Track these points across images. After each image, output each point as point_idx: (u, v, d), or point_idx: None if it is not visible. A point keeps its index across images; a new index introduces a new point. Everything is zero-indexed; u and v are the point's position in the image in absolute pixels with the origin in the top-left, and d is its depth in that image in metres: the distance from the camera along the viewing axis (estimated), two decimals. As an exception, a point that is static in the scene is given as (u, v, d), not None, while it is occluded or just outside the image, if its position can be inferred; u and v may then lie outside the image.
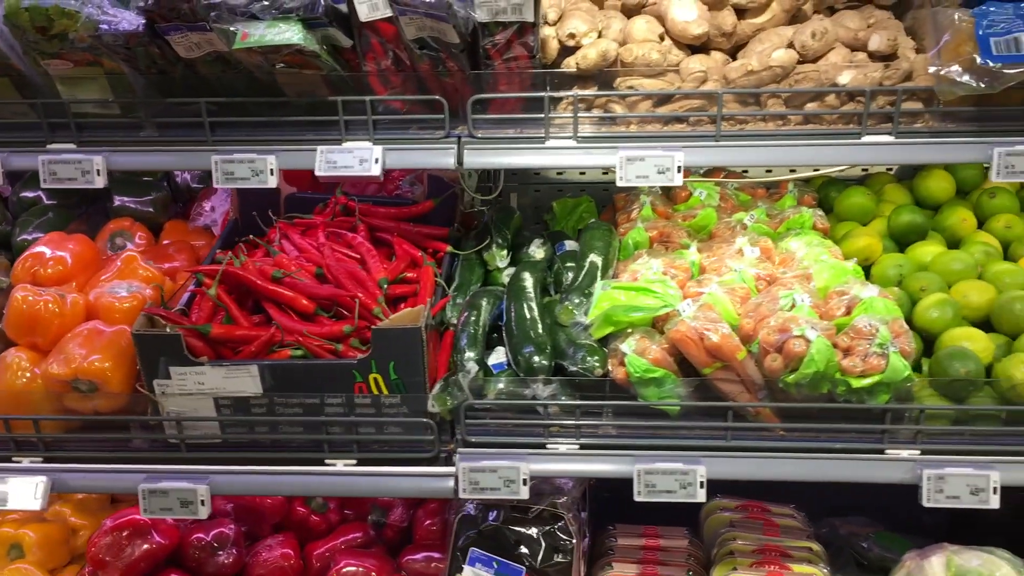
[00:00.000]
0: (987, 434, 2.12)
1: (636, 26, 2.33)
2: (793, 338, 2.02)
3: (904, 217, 2.58)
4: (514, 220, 2.88)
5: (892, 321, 2.07)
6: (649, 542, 2.56)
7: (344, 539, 2.62)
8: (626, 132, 2.31)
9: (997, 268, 2.38)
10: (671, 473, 2.08)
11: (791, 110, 2.28)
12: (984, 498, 2.02)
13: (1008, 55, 2.03)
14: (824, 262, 2.30)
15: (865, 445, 2.14)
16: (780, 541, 2.50)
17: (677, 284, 2.31)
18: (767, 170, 3.20)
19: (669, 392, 2.13)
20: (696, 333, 2.06)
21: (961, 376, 2.08)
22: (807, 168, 2.86)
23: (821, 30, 2.29)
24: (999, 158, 2.12)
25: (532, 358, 2.18)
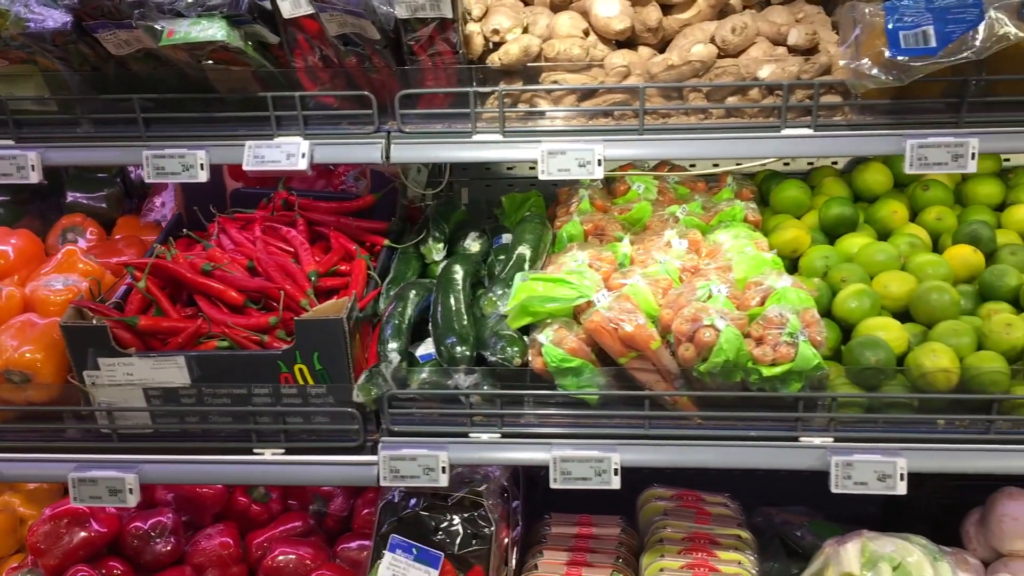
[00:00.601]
0: (898, 422, 2.16)
1: (560, 22, 2.37)
2: (703, 327, 2.06)
3: (833, 210, 2.61)
4: (456, 214, 2.92)
5: (803, 311, 2.10)
6: (582, 530, 2.60)
7: (284, 528, 2.66)
8: (552, 126, 2.35)
9: (920, 259, 2.41)
10: (586, 461, 2.12)
11: (712, 104, 2.31)
12: (891, 484, 2.06)
13: (916, 48, 2.06)
14: (745, 254, 2.33)
15: (780, 432, 2.17)
16: (710, 529, 2.54)
17: (602, 276, 2.34)
18: (714, 164, 3.24)
19: (587, 381, 2.17)
20: (610, 323, 2.10)
21: (871, 364, 2.12)
22: (730, 162, 2.89)
23: (741, 25, 2.32)
24: (912, 150, 2.15)
25: (455, 348, 2.22)
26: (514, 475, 2.63)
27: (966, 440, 2.13)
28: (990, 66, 2.21)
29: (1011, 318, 2.17)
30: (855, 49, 2.16)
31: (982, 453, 2.11)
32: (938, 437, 2.14)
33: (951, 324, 2.20)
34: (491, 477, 2.40)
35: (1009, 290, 2.32)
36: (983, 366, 2.09)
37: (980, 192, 2.74)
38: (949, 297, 2.26)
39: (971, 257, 2.43)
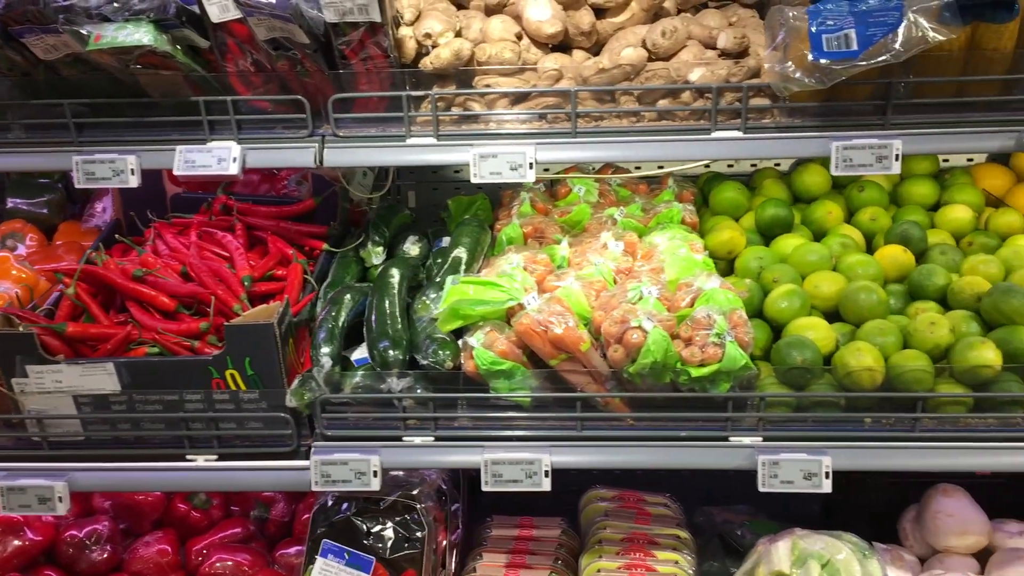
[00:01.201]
0: (826, 420, 2.18)
1: (492, 25, 2.38)
2: (631, 329, 2.08)
3: (768, 211, 2.64)
4: (399, 218, 2.92)
5: (731, 312, 2.12)
6: (523, 532, 2.61)
7: (223, 535, 2.65)
8: (486, 130, 2.36)
9: (850, 260, 2.44)
10: (517, 463, 2.13)
11: (643, 107, 2.33)
12: (817, 483, 2.08)
13: (838, 51, 2.08)
14: (678, 256, 2.35)
15: (711, 432, 2.19)
16: (649, 529, 2.55)
17: (536, 278, 2.36)
18: (659, 166, 3.27)
19: (520, 384, 2.18)
20: (540, 325, 2.11)
21: (798, 364, 2.14)
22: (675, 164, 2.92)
23: (671, 29, 2.34)
24: (837, 152, 2.18)
25: (387, 352, 2.22)
26: (454, 478, 2.64)
27: (892, 438, 2.15)
28: (918, 68, 2.25)
29: (935, 317, 2.20)
30: (780, 52, 2.19)
31: (908, 451, 2.14)
32: (865, 435, 2.16)
33: (877, 323, 2.23)
34: (426, 480, 2.39)
35: (937, 289, 2.36)
36: (907, 364, 2.12)
37: (915, 193, 2.79)
38: (876, 297, 2.29)
39: (901, 257, 2.47)
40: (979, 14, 2.11)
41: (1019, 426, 2.14)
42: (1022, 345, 2.12)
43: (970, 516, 2.54)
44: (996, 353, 2.10)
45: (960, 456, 2.14)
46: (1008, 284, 2.24)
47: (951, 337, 2.17)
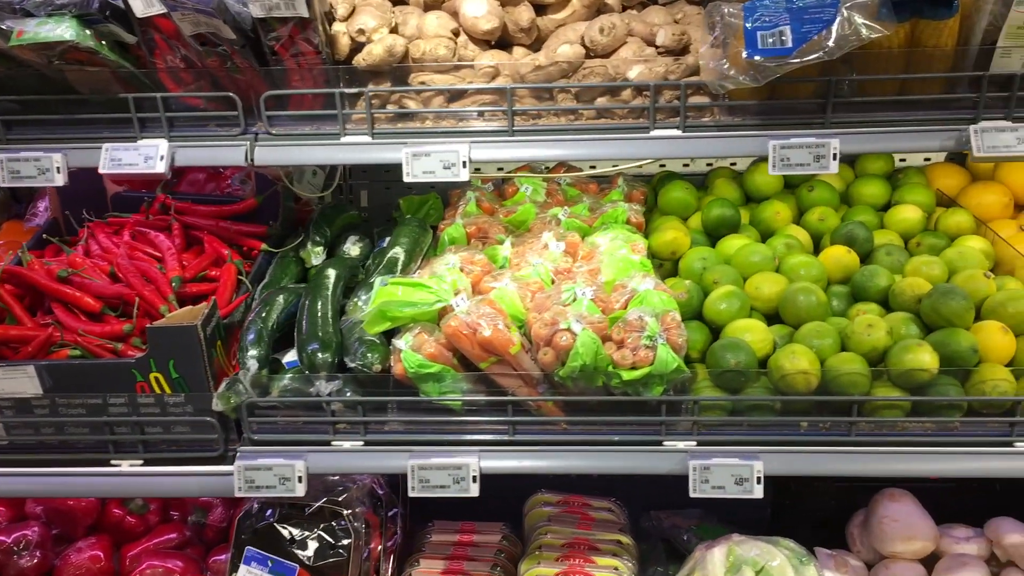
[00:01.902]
0: (761, 424, 2.14)
1: (428, 21, 2.33)
2: (560, 331, 2.03)
3: (714, 211, 2.60)
4: (346, 217, 2.88)
5: (665, 314, 2.08)
6: (463, 538, 2.57)
7: (159, 540, 2.60)
8: (422, 128, 2.32)
9: (793, 261, 2.40)
10: (444, 468, 2.08)
11: (581, 105, 2.28)
12: (748, 488, 2.04)
13: (773, 48, 2.04)
14: (616, 256, 2.31)
15: (645, 437, 2.15)
16: (591, 535, 2.51)
17: (472, 279, 2.31)
18: (613, 164, 3.22)
19: (450, 387, 2.14)
20: (468, 327, 2.06)
21: (731, 367, 2.10)
22: (613, 164, 2.88)
23: (609, 25, 2.30)
24: (774, 151, 2.14)
25: (316, 355, 2.17)
26: (392, 482, 2.59)
27: (828, 443, 2.12)
28: (860, 66, 2.21)
29: (873, 319, 2.17)
30: (716, 49, 2.15)
31: (844, 455, 2.10)
32: (801, 440, 2.12)
33: (814, 326, 2.19)
34: (355, 485, 2.35)
35: (879, 291, 2.32)
36: (842, 368, 2.08)
37: (865, 193, 2.75)
38: (815, 299, 2.25)
39: (845, 258, 2.43)
40: (918, 11, 2.07)
41: (957, 431, 2.11)
42: (960, 348, 2.08)
43: (916, 521, 2.50)
44: (933, 356, 2.06)
45: (898, 462, 2.11)
46: (948, 286, 2.20)
47: (889, 340, 2.13)
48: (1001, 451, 2.08)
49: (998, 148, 2.09)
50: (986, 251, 2.47)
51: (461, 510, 2.70)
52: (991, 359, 2.13)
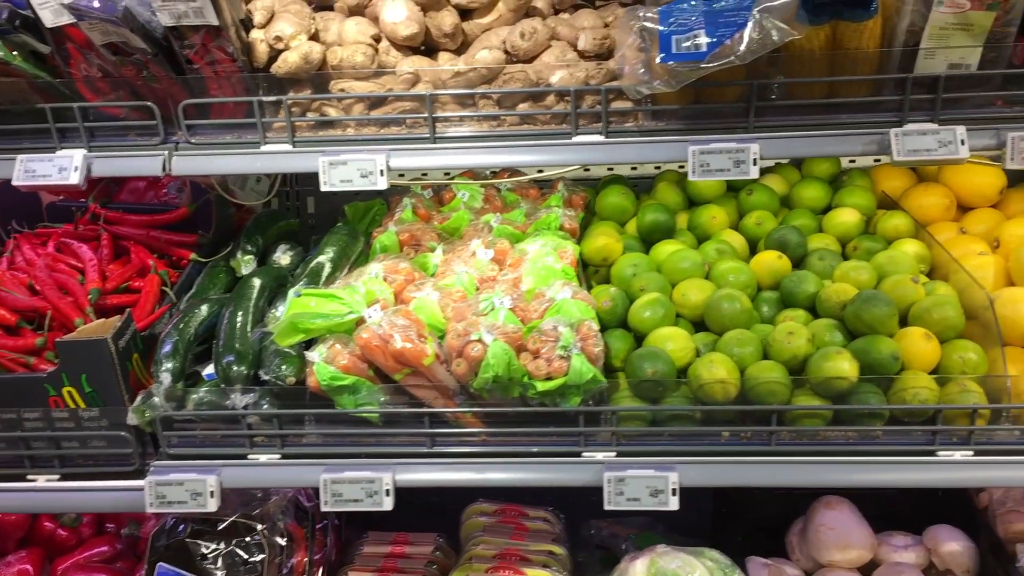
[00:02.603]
0: (681, 435, 2.11)
1: (347, 28, 2.30)
2: (471, 342, 2.00)
3: (648, 216, 2.56)
4: (282, 225, 2.85)
5: (581, 323, 2.05)
6: (395, 549, 2.54)
7: (90, 553, 2.57)
8: (344, 135, 2.29)
9: (723, 267, 2.36)
10: (356, 482, 2.05)
11: (503, 111, 2.25)
12: (664, 500, 2.01)
13: (687, 53, 2.00)
14: (539, 264, 2.27)
15: (564, 448, 2.12)
16: (523, 545, 2.48)
17: (395, 289, 2.28)
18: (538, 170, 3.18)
19: (366, 399, 2.11)
20: (380, 339, 2.03)
21: (647, 377, 2.07)
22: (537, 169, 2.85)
23: (530, 30, 2.27)
24: (694, 156, 2.10)
25: (231, 367, 2.14)
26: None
27: (749, 452, 2.08)
28: (786, 70, 2.18)
29: (794, 326, 2.13)
30: (633, 54, 2.11)
31: (763, 466, 2.06)
32: (721, 450, 2.09)
33: (736, 333, 2.16)
34: (275, 499, 2.32)
35: (807, 297, 2.28)
36: (761, 376, 2.05)
37: (805, 196, 2.71)
38: (739, 305, 2.22)
39: (776, 263, 2.39)
40: (837, 13, 2.03)
41: (879, 440, 2.08)
42: (880, 356, 2.05)
43: (853, 529, 2.47)
44: (852, 364, 2.03)
45: (819, 471, 2.07)
46: (871, 292, 2.16)
47: (810, 347, 2.09)
48: (924, 460, 2.04)
49: (919, 152, 2.05)
50: (922, 255, 2.43)
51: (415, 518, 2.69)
52: (914, 366, 2.09)
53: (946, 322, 2.13)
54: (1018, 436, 2.04)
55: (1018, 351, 2.16)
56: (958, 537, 2.43)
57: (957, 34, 2.08)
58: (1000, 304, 2.17)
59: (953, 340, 2.13)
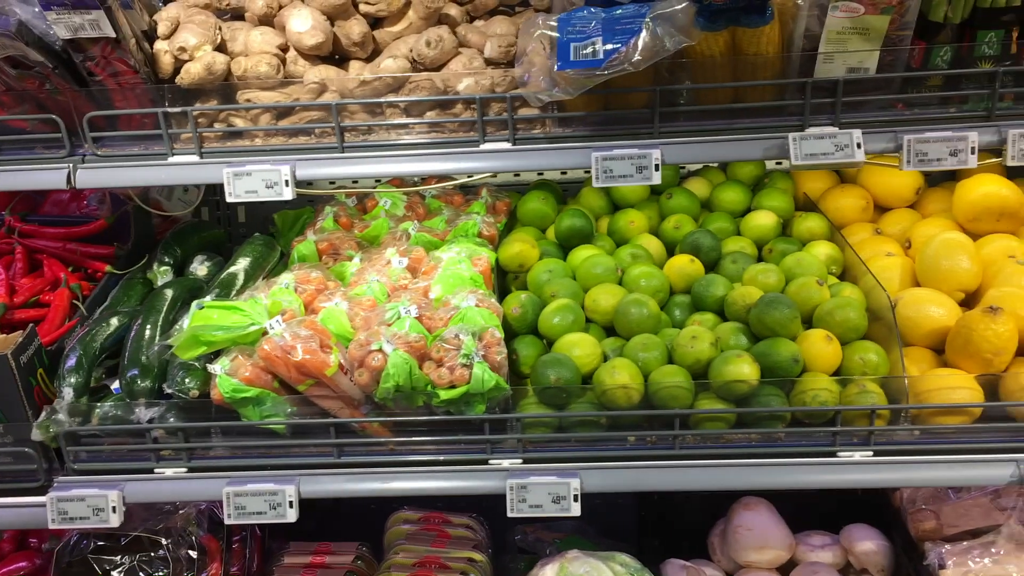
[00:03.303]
0: (587, 441, 2.12)
1: (252, 38, 2.30)
2: (372, 352, 2.00)
3: (565, 222, 2.57)
4: (204, 236, 2.84)
5: (484, 331, 2.05)
6: (315, 559, 2.53)
7: (9, 569, 2.54)
8: (252, 146, 2.28)
9: (635, 272, 2.37)
10: (260, 494, 2.05)
11: (411, 119, 2.25)
12: (566, 506, 2.01)
13: (585, 61, 2.01)
14: (450, 272, 2.27)
15: (471, 456, 2.12)
16: (443, 552, 2.48)
17: (306, 299, 2.28)
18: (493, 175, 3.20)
19: (271, 411, 2.10)
20: (282, 350, 2.03)
21: (551, 383, 2.07)
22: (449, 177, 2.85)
23: (436, 38, 2.27)
24: (596, 163, 2.11)
25: (135, 381, 2.13)
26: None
27: (654, 457, 2.09)
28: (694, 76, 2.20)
29: (697, 331, 2.14)
30: (533, 62, 2.12)
31: (667, 470, 2.07)
32: (626, 455, 2.10)
33: (642, 338, 2.17)
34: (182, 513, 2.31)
35: (716, 301, 2.30)
36: (663, 381, 2.06)
37: (724, 199, 2.73)
38: (647, 311, 2.23)
39: (688, 267, 2.41)
40: (734, 19, 2.05)
41: (781, 441, 2.09)
42: (780, 359, 2.06)
43: (770, 530, 2.49)
44: (752, 368, 2.04)
45: (723, 474, 2.08)
46: (774, 295, 2.18)
47: (713, 351, 2.11)
48: (824, 461, 2.05)
49: (816, 156, 2.07)
50: (833, 257, 2.46)
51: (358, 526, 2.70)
52: (816, 368, 2.11)
53: (847, 324, 2.15)
54: (917, 436, 2.06)
55: (921, 351, 2.18)
56: (873, 536, 2.45)
57: (854, 38, 2.11)
58: (903, 305, 2.20)
59: (855, 342, 2.15)
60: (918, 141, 2.06)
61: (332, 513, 3.03)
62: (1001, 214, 2.38)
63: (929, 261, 2.26)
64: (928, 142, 2.05)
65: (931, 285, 2.25)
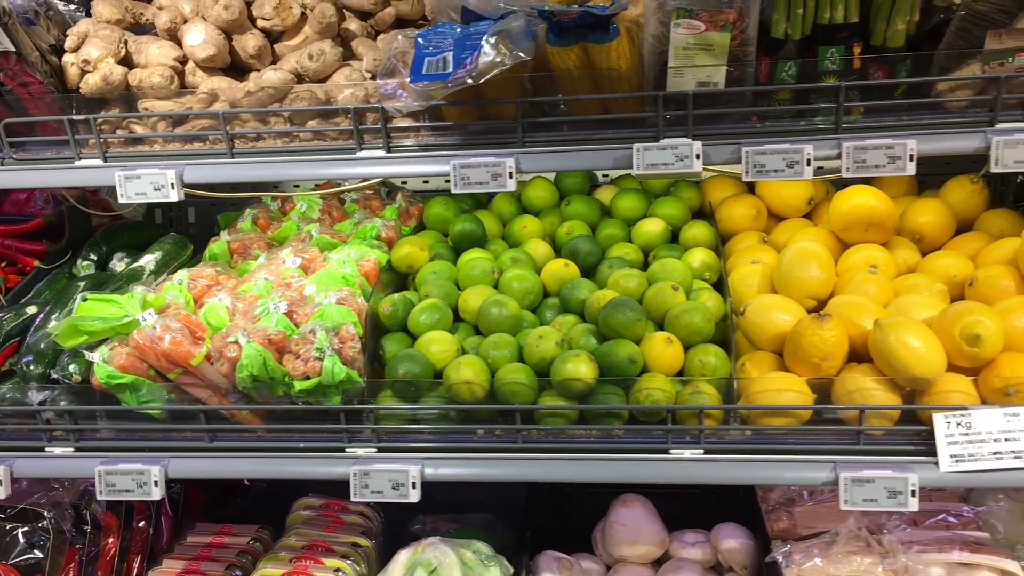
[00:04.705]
0: (438, 432, 2.24)
1: (151, 50, 2.47)
2: (228, 344, 2.16)
3: (457, 226, 2.70)
4: (134, 235, 3.02)
5: (341, 327, 2.19)
6: (216, 539, 2.69)
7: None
8: (151, 151, 2.46)
9: (509, 275, 2.49)
10: (128, 474, 2.21)
11: (295, 127, 2.40)
12: (404, 492, 2.13)
13: (436, 74, 2.14)
14: (329, 272, 2.42)
15: (329, 444, 2.26)
16: (332, 538, 2.62)
17: (195, 294, 2.45)
18: (424, 181, 3.35)
19: (147, 396, 2.27)
20: (150, 340, 2.19)
21: (399, 377, 2.20)
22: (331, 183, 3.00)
23: (318, 51, 2.42)
24: (455, 171, 2.23)
25: (28, 366, 2.33)
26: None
27: (499, 449, 2.20)
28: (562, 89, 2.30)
29: (545, 330, 2.25)
30: (394, 74, 2.26)
31: (509, 461, 2.18)
32: (475, 446, 2.22)
33: (495, 337, 2.28)
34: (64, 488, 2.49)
35: (579, 303, 2.40)
36: (506, 378, 2.17)
37: (620, 206, 2.82)
38: (507, 311, 2.34)
39: (562, 271, 2.51)
40: (582, 35, 2.16)
41: (620, 438, 2.19)
42: (617, 359, 2.16)
43: (643, 526, 2.58)
44: (589, 367, 2.14)
45: (563, 467, 2.18)
46: (621, 299, 2.27)
47: (557, 350, 2.21)
48: (659, 458, 2.14)
49: (657, 166, 2.16)
50: (709, 263, 2.54)
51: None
52: (656, 369, 2.20)
53: (691, 327, 2.24)
54: (749, 436, 2.14)
55: (766, 356, 2.25)
56: (739, 535, 2.52)
57: (700, 54, 2.19)
58: (751, 311, 2.27)
59: (699, 345, 2.24)
60: (756, 153, 2.13)
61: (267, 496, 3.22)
62: (869, 224, 2.44)
63: (783, 269, 2.33)
64: (765, 154, 2.13)
65: (784, 292, 2.32)
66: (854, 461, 2.05)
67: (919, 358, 1.99)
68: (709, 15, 2.14)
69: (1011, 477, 1.98)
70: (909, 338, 2.00)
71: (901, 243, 2.50)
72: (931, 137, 2.10)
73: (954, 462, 1.98)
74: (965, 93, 2.16)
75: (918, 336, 2.01)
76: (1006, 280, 2.23)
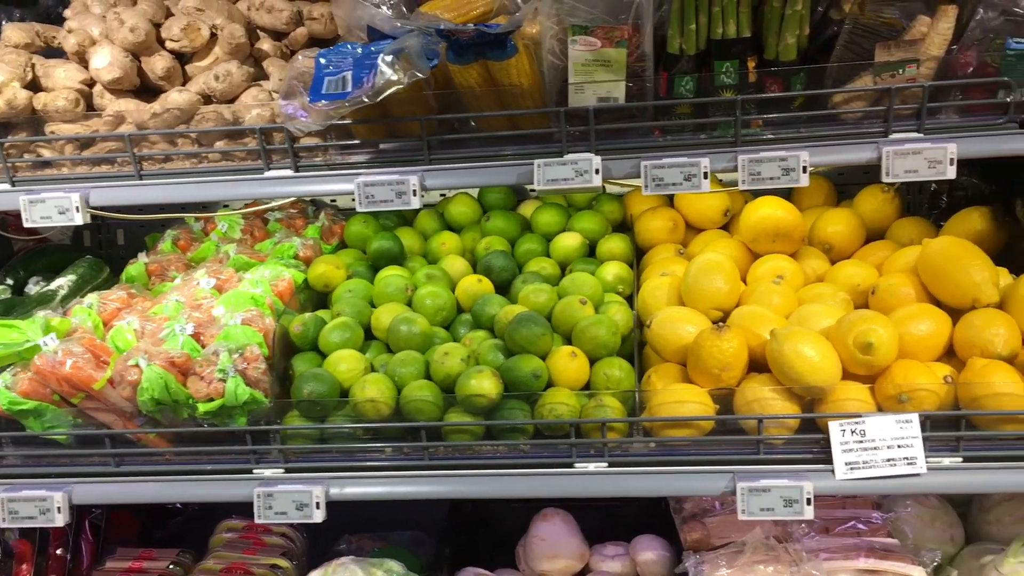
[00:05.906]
0: (344, 451, 2.23)
1: (57, 74, 2.46)
2: (129, 367, 2.14)
3: (374, 244, 2.70)
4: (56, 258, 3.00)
5: (245, 348, 2.18)
6: (135, 564, 2.66)
7: None
8: (60, 174, 2.45)
9: (422, 291, 2.49)
10: (31, 500, 2.19)
11: (202, 148, 2.40)
12: (308, 513, 2.12)
13: (335, 93, 2.14)
14: (239, 292, 2.41)
15: (236, 465, 2.25)
16: (252, 559, 2.60)
17: (105, 317, 2.43)
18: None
19: (52, 422, 2.25)
20: (51, 365, 2.17)
21: (304, 397, 2.19)
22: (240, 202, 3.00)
23: (224, 72, 2.42)
24: (359, 188, 2.23)
25: (-66, 393, 2.30)
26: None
27: (408, 467, 2.20)
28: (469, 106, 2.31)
29: (451, 347, 2.26)
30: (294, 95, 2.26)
31: (416, 479, 2.18)
32: (384, 464, 2.21)
33: (402, 355, 2.28)
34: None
35: (489, 319, 2.41)
36: (411, 395, 2.17)
37: (540, 221, 2.83)
38: (416, 328, 2.34)
39: (475, 287, 2.52)
40: (481, 53, 2.17)
41: (526, 453, 2.19)
42: (521, 374, 2.17)
43: (562, 540, 2.58)
44: (493, 383, 2.15)
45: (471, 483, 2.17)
46: (527, 314, 2.28)
47: (462, 367, 2.21)
48: (564, 472, 2.15)
49: (556, 181, 2.17)
50: (623, 276, 2.56)
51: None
52: (561, 383, 2.21)
53: (596, 341, 2.25)
54: (653, 448, 2.15)
55: (672, 367, 2.26)
56: (657, 547, 2.53)
57: (599, 70, 2.21)
58: (657, 323, 2.29)
59: (605, 358, 2.25)
60: (654, 167, 2.15)
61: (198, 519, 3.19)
62: (776, 235, 2.46)
63: (689, 281, 2.35)
64: (663, 168, 2.15)
65: (691, 304, 2.34)
66: (754, 471, 2.06)
67: (812, 367, 2.01)
68: (604, 32, 2.17)
69: (904, 483, 2.00)
70: (803, 347, 2.02)
71: (811, 253, 2.53)
72: (824, 149, 2.13)
73: (849, 469, 2.00)
74: (859, 104, 2.20)
75: (812, 345, 2.03)
76: (906, 288, 2.26)
